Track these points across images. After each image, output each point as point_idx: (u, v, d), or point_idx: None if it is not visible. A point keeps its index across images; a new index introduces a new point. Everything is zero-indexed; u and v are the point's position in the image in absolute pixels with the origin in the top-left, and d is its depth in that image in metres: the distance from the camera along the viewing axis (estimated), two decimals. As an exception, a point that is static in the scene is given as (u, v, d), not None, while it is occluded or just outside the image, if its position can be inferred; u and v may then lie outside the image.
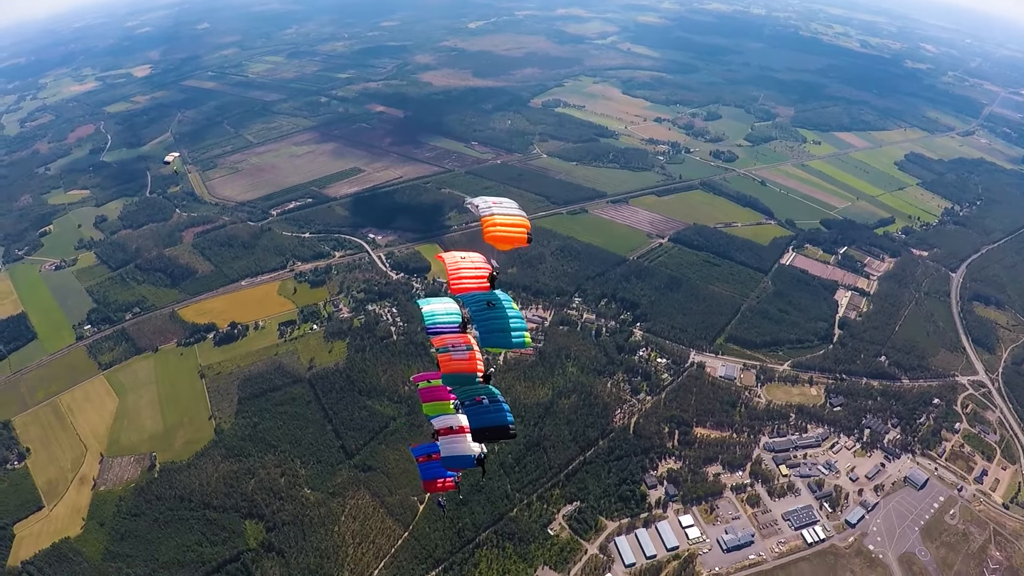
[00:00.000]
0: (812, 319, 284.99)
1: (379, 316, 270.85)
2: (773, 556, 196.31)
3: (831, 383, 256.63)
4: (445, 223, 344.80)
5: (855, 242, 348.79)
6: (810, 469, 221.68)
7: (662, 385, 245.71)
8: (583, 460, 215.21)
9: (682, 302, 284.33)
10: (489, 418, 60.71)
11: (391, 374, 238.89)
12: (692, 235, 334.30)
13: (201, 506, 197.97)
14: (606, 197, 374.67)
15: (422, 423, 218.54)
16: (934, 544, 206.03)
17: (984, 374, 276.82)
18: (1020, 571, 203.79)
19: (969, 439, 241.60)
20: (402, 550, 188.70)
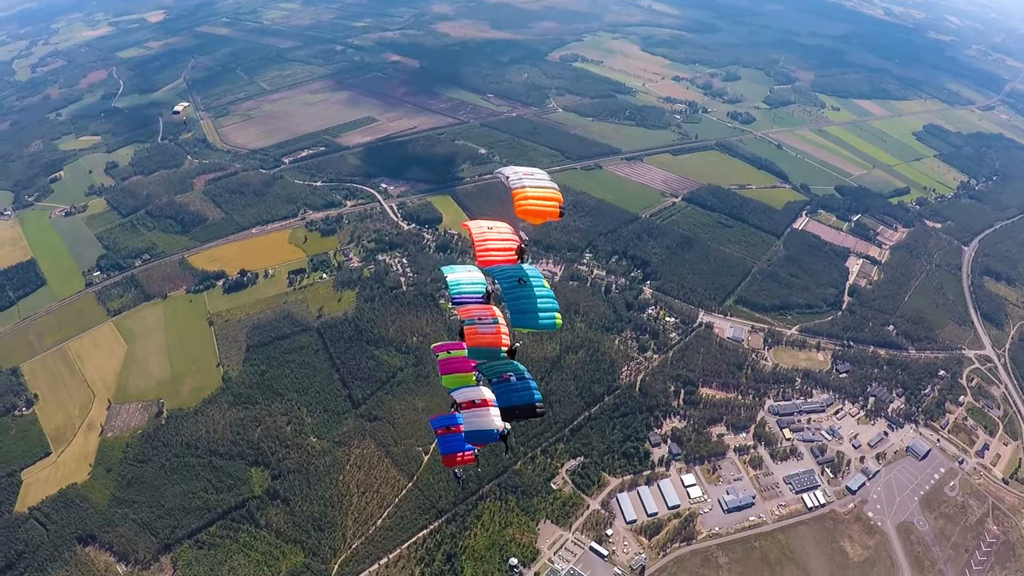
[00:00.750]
0: (822, 285, 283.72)
1: (389, 266, 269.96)
2: (773, 518, 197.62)
3: (838, 349, 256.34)
4: (458, 175, 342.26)
5: (869, 210, 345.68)
6: (813, 434, 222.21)
7: (670, 344, 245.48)
8: (588, 416, 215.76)
9: (693, 262, 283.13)
10: (517, 396, 60.31)
11: (400, 325, 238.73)
12: (706, 195, 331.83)
13: (207, 453, 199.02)
14: (621, 154, 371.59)
15: (429, 374, 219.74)
16: (933, 515, 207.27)
17: (991, 349, 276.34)
18: (1016, 546, 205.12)
19: (973, 413, 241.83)
20: (406, 500, 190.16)
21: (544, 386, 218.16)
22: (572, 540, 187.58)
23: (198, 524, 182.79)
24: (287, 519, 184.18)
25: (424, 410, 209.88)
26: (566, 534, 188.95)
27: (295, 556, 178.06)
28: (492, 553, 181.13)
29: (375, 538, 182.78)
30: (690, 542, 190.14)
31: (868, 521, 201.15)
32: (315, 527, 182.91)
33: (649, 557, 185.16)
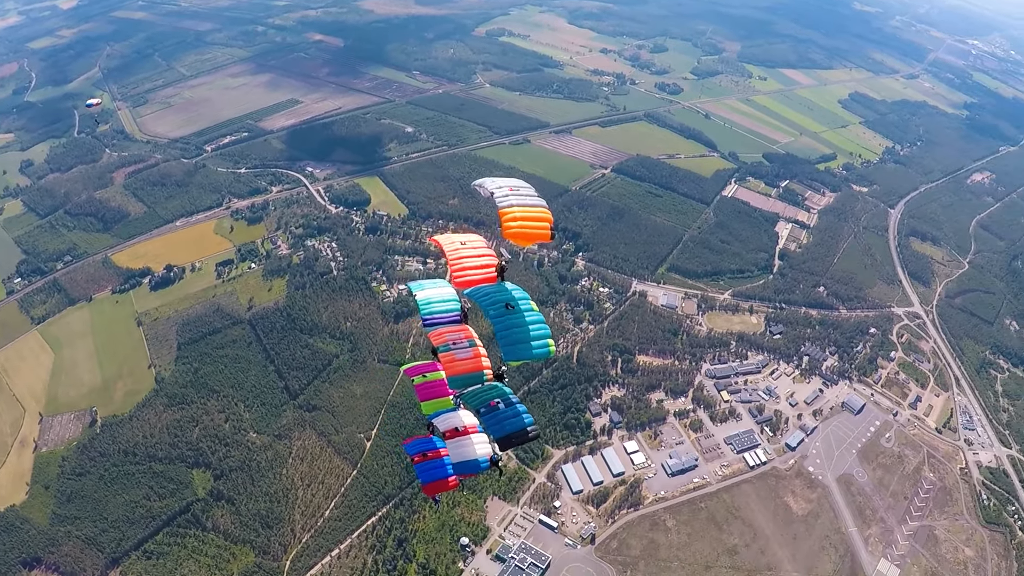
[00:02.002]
0: (753, 250, 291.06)
1: (319, 252, 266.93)
2: (716, 479, 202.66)
3: (771, 312, 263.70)
4: (385, 155, 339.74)
5: (797, 176, 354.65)
6: (750, 395, 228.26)
7: (604, 314, 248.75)
8: (527, 390, 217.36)
9: (624, 232, 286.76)
10: (509, 424, 57.69)
11: (332, 310, 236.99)
12: (635, 166, 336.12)
13: (147, 459, 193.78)
14: (549, 128, 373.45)
15: (365, 359, 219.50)
16: (870, 466, 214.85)
17: (919, 306, 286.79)
18: (952, 491, 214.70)
19: (904, 367, 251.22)
20: (352, 488, 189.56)
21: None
22: (521, 515, 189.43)
23: (144, 534, 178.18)
24: (234, 519, 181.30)
25: (363, 396, 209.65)
26: (514, 509, 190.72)
27: (246, 556, 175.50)
28: (443, 534, 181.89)
29: (324, 530, 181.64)
30: (637, 507, 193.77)
31: (809, 476, 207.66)
32: (263, 525, 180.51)
33: (598, 525, 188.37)
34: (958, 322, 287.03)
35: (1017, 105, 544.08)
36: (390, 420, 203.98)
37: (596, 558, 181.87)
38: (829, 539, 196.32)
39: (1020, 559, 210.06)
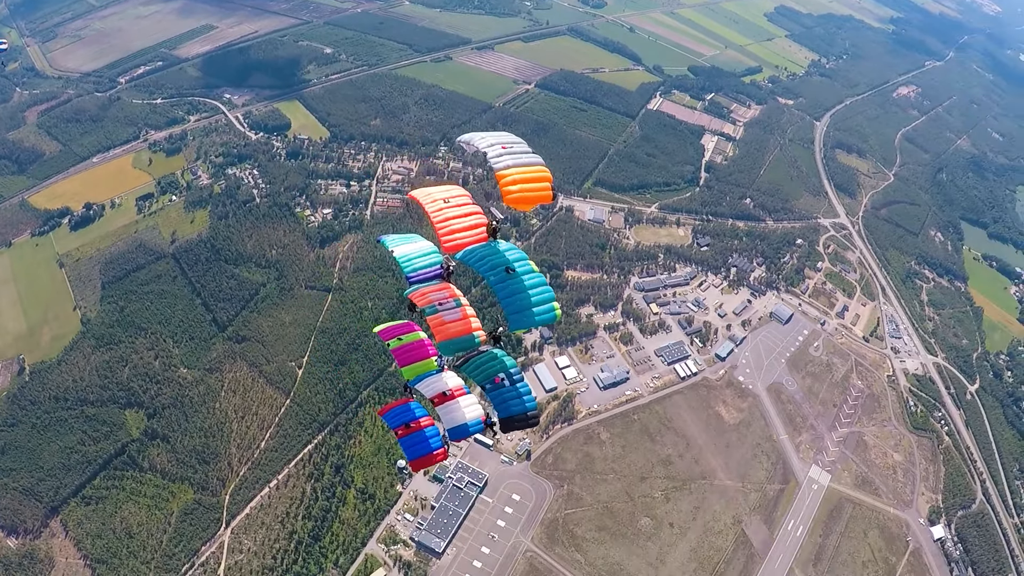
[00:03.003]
0: (679, 163, 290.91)
1: (240, 180, 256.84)
2: (648, 391, 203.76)
3: (698, 224, 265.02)
4: (304, 77, 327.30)
5: (722, 89, 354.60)
6: (680, 307, 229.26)
7: (531, 231, 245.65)
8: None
9: (549, 147, 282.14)
10: (514, 405, 54.64)
11: (257, 239, 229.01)
12: (559, 81, 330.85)
13: (78, 403, 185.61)
14: (471, 44, 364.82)
15: (293, 286, 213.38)
16: (800, 374, 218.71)
17: (845, 217, 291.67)
18: (880, 398, 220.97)
19: (831, 277, 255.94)
20: (286, 418, 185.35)
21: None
22: None
23: (81, 480, 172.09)
24: (170, 457, 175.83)
25: (291, 323, 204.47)
26: None
27: (184, 494, 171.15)
28: (379, 458, 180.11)
29: (261, 461, 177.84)
30: (571, 422, 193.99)
31: (740, 385, 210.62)
32: (199, 460, 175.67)
33: (533, 441, 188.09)
34: (884, 233, 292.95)
35: (944, 21, 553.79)
36: (320, 346, 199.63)
37: (532, 473, 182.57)
38: (761, 447, 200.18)
39: (947, 463, 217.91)
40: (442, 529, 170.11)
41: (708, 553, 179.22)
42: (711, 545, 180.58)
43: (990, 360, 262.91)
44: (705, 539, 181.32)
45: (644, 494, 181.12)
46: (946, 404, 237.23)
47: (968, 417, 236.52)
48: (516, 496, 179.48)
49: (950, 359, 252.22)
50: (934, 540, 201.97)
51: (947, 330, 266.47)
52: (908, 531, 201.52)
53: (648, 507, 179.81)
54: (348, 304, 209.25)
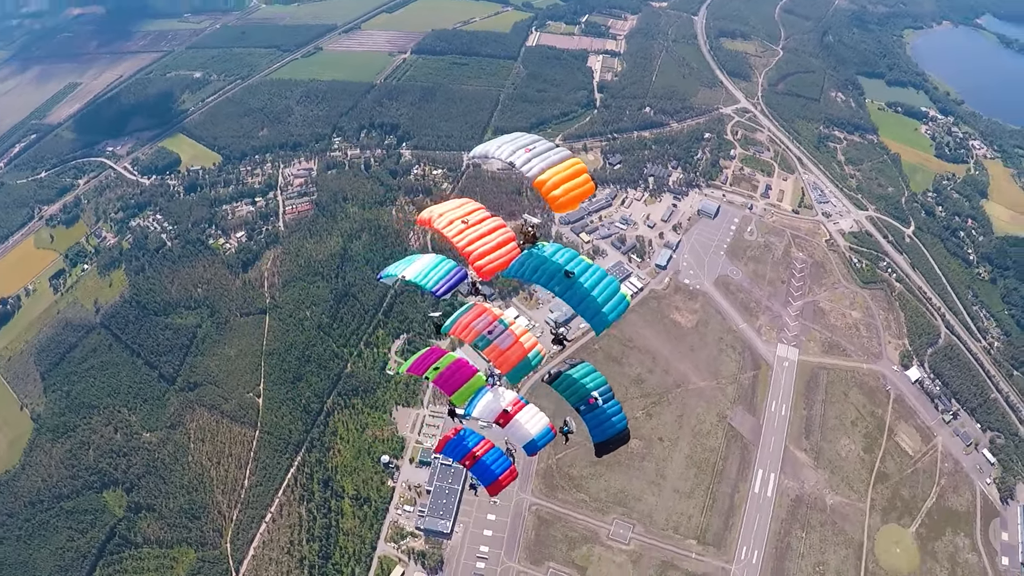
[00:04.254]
0: (571, 90, 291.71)
1: (146, 228, 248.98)
2: None
3: (605, 145, 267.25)
4: (181, 108, 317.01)
5: (595, 8, 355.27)
6: (609, 229, 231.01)
7: (444, 195, 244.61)
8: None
9: (441, 110, 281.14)
10: (610, 426, 54.25)
11: (179, 283, 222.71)
12: (433, 42, 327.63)
13: (54, 501, 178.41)
14: (337, 29, 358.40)
15: (227, 318, 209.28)
16: (742, 262, 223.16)
17: (745, 101, 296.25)
18: (824, 264, 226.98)
19: (747, 161, 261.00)
20: (261, 450, 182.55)
21: (341, 281, 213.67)
22: (429, 414, 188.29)
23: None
24: (161, 525, 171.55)
25: (238, 355, 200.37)
26: (421, 412, 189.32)
27: (186, 556, 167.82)
28: (363, 460, 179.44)
29: (250, 500, 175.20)
30: (536, 370, 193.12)
31: (687, 288, 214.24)
32: (190, 518, 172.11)
33: None
34: (786, 106, 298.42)
35: None
36: (272, 369, 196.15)
37: None
38: (724, 340, 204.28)
39: (904, 307, 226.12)
40: (444, 510, 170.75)
41: (703, 456, 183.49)
42: (704, 447, 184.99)
43: (919, 201, 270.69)
44: (697, 443, 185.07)
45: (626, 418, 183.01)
46: (888, 253, 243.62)
47: (912, 259, 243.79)
48: None
49: (881, 209, 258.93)
50: (912, 383, 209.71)
51: (871, 183, 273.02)
52: (885, 381, 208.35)
53: (633, 429, 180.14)
54: (287, 319, 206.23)
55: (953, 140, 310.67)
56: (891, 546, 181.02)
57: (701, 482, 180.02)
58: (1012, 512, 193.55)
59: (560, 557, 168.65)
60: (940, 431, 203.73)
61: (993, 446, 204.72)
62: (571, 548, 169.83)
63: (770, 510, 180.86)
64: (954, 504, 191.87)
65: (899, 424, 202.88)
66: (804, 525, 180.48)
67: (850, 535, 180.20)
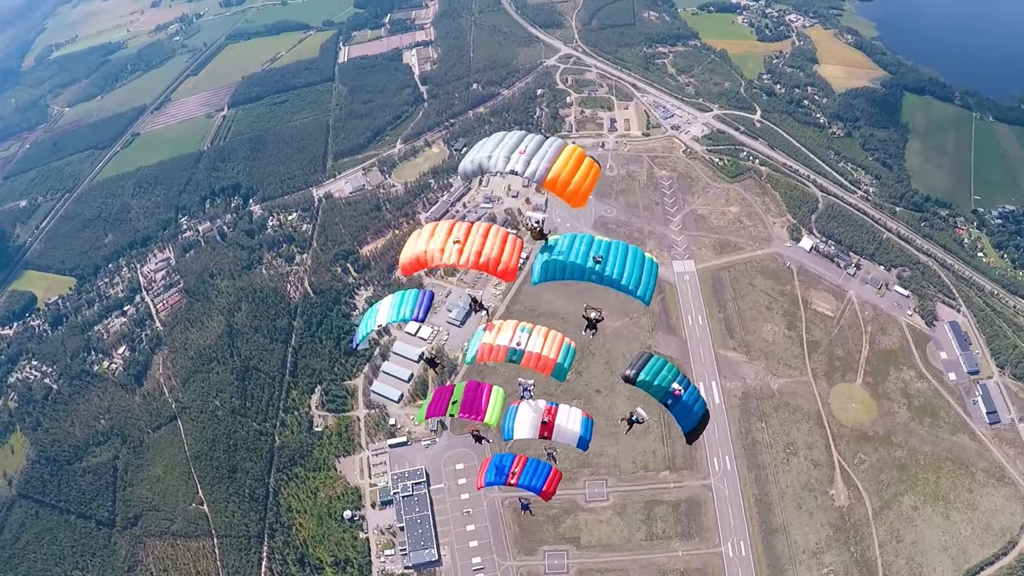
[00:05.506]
0: (396, 92, 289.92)
1: (27, 379, 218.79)
2: (499, 299, 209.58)
3: (445, 133, 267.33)
4: (17, 244, 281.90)
5: (394, 6, 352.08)
6: (476, 212, 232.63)
7: (307, 237, 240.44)
8: (296, 348, 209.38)
9: (275, 155, 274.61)
10: (694, 415, 54.80)
11: (78, 422, 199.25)
12: (247, 90, 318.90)
13: None
14: (148, 109, 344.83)
15: (141, 438, 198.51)
16: (612, 198, 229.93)
17: (565, 47, 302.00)
18: (689, 174, 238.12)
19: (585, 103, 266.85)
20: (225, 556, 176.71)
21: (237, 357, 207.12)
22: (371, 455, 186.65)
23: None
24: None
25: (166, 471, 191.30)
26: (363, 454, 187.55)
27: None
28: (327, 524, 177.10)
29: None
30: (456, 372, 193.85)
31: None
32: None
33: None
34: (605, 39, 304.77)
35: None
36: (205, 472, 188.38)
37: (457, 437, 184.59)
38: None
39: (777, 187, 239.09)
40: (424, 540, 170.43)
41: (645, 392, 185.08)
42: None
43: (756, 86, 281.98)
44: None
45: (558, 385, 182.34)
46: (745, 143, 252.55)
47: (769, 140, 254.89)
48: (460, 465, 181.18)
49: (724, 106, 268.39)
50: (808, 251, 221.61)
51: (707, 85, 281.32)
52: (783, 259, 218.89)
53: (569, 390, 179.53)
54: (199, 417, 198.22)
55: (770, 21, 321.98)
56: (846, 404, 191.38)
57: (651, 414, 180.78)
58: (942, 331, 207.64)
59: (550, 537, 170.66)
60: (849, 285, 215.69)
61: (902, 280, 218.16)
62: (556, 525, 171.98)
63: (724, 415, 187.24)
64: (887, 345, 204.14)
65: (810, 293, 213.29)
66: (760, 416, 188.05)
67: (806, 409, 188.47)
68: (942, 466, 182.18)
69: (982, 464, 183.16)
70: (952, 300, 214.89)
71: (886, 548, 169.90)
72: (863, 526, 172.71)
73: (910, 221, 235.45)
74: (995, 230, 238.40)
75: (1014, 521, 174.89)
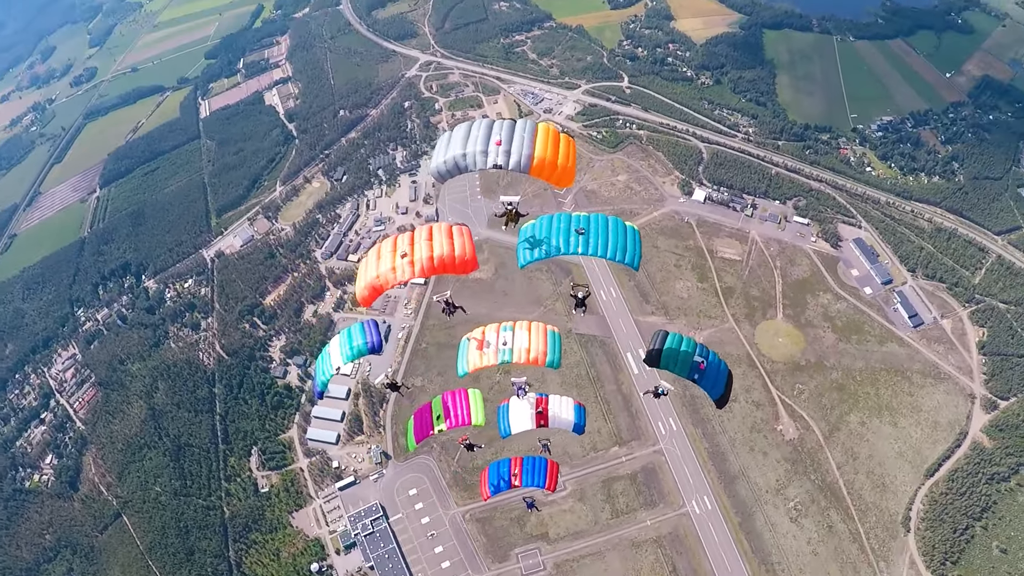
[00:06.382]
0: (265, 136, 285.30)
1: None
2: (411, 322, 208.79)
3: (323, 166, 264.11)
4: None
5: (244, 50, 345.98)
6: (370, 236, 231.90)
7: (207, 301, 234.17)
8: (222, 415, 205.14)
9: (157, 225, 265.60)
10: (721, 381, 55.43)
11: (23, 543, 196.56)
12: (115, 165, 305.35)
13: None
14: (20, 207, 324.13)
15: (91, 545, 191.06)
16: (500, 193, 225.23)
17: (424, 55, 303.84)
18: None
19: (454, 106, 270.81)
20: None
21: (166, 438, 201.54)
22: (323, 502, 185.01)
23: None
24: None
25: (123, 571, 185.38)
26: (315, 503, 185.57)
27: None
28: None
29: None
30: (385, 401, 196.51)
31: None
32: None
33: (377, 443, 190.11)
34: (462, 39, 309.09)
35: None
36: (162, 561, 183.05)
37: (402, 463, 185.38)
38: (527, 270, 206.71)
39: (659, 146, 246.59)
40: (396, 573, 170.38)
41: (574, 373, 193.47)
42: (569, 366, 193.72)
43: (618, 53, 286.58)
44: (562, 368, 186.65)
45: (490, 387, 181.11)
46: (619, 111, 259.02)
47: (642, 104, 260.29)
48: (413, 491, 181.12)
49: (591, 79, 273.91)
50: (703, 203, 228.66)
51: (570, 62, 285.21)
52: (680, 215, 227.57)
53: (502, 390, 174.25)
54: (143, 507, 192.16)
55: None
56: (773, 340, 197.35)
57: (588, 396, 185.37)
58: (848, 250, 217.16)
59: (518, 539, 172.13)
60: (750, 226, 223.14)
61: (799, 210, 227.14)
62: (522, 526, 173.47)
63: (658, 380, 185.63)
64: (799, 275, 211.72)
65: (713, 242, 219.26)
66: None
67: (735, 354, 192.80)
68: (879, 378, 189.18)
69: (916, 367, 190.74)
70: (851, 218, 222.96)
71: (844, 468, 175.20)
72: (817, 453, 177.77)
73: (795, 152, 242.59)
74: (877, 143, 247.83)
75: (959, 412, 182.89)
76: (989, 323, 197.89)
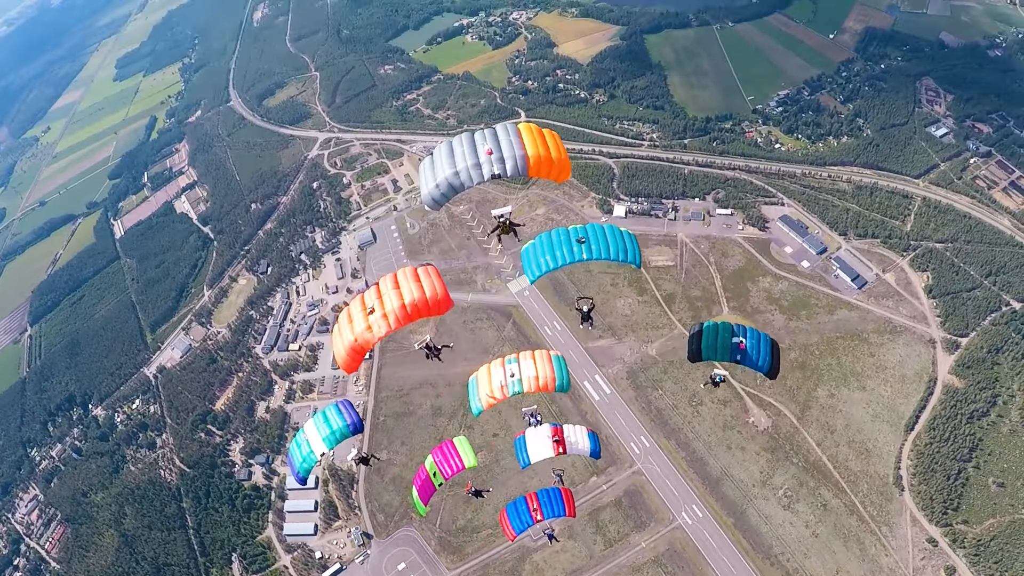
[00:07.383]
0: (183, 245, 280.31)
1: None
2: (365, 396, 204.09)
3: (245, 262, 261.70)
4: None
5: (146, 164, 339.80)
6: (307, 322, 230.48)
7: (161, 419, 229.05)
8: (194, 529, 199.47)
9: (95, 351, 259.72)
10: (766, 350, 55.39)
11: None
12: (41, 301, 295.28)
13: None
14: None
15: None
16: (426, 254, 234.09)
17: (321, 133, 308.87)
18: (483, 198, 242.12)
19: (362, 176, 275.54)
20: None
21: (143, 562, 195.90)
22: (286, 565, 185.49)
23: None
24: None
25: None
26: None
27: None
28: None
29: None
30: (355, 483, 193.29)
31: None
32: None
33: (356, 523, 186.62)
34: (355, 110, 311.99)
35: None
36: None
37: (385, 541, 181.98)
38: (468, 321, 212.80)
39: None
40: None
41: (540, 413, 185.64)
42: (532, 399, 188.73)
43: (510, 90, 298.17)
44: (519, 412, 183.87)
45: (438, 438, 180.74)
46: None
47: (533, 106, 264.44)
48: (401, 565, 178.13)
49: (488, 121, 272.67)
50: (625, 217, 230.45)
51: (464, 110, 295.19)
52: None
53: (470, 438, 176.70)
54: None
55: (496, 27, 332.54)
56: None
57: None
58: (776, 229, 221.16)
59: None
60: (675, 229, 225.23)
61: (720, 202, 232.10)
62: None
63: (621, 402, 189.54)
64: (734, 265, 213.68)
65: (644, 253, 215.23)
66: (653, 385, 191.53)
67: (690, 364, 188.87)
68: (837, 346, 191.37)
69: (870, 326, 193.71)
70: (773, 198, 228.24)
71: (824, 444, 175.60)
72: (794, 435, 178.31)
73: (702, 147, 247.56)
74: (780, 119, 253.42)
75: (924, 360, 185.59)
76: (931, 266, 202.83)
